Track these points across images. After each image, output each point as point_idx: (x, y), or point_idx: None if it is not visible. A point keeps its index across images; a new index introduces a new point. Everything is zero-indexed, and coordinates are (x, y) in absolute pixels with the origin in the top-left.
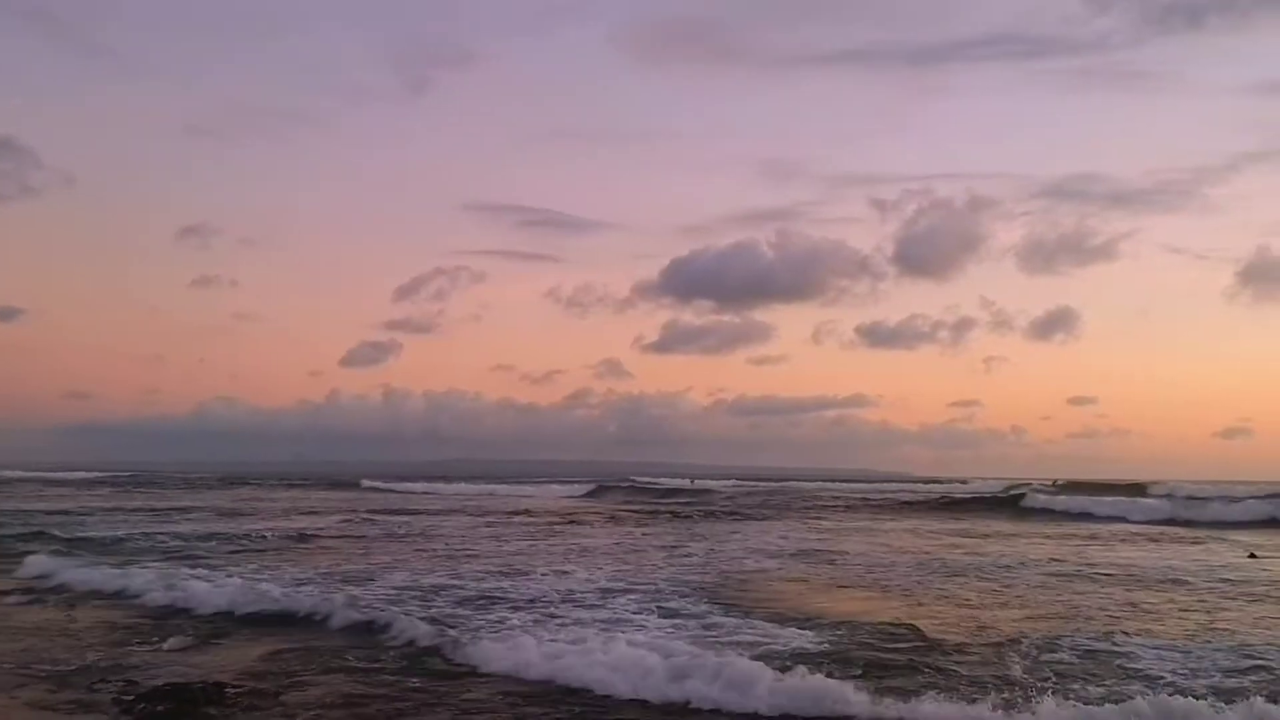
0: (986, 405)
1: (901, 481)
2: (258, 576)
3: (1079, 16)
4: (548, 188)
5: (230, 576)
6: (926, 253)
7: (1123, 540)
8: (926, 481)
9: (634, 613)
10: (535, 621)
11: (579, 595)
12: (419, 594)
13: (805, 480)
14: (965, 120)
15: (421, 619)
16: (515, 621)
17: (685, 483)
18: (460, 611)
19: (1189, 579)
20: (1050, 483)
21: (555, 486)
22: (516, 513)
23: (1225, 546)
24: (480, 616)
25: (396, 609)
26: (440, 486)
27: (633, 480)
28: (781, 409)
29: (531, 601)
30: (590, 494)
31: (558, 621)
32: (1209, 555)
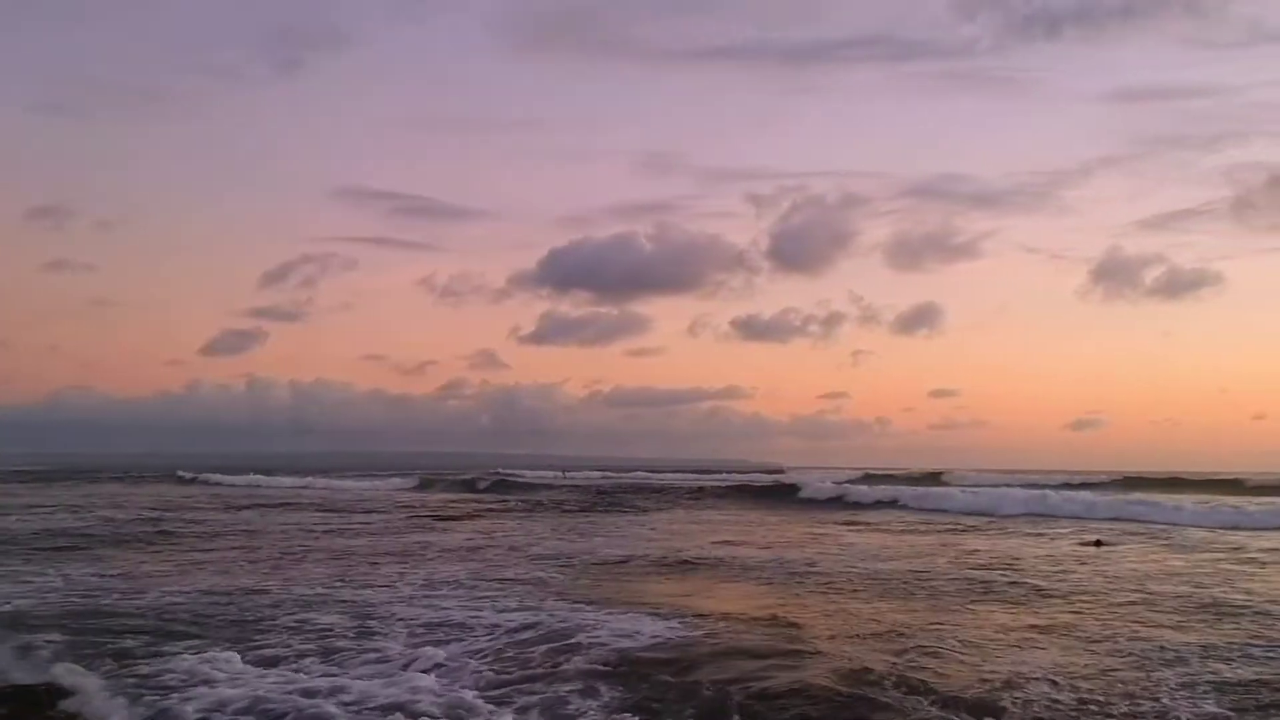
0: (854, 397)
1: (771, 471)
2: None
3: (946, 22)
4: (423, 175)
5: None
6: (800, 248)
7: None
8: (770, 471)
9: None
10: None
11: (379, 606)
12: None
13: (681, 471)
14: (837, 119)
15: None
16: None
17: (556, 474)
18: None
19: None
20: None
21: (397, 479)
22: (332, 510)
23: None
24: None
25: None
26: (265, 479)
27: (500, 472)
28: (658, 400)
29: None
30: (421, 486)
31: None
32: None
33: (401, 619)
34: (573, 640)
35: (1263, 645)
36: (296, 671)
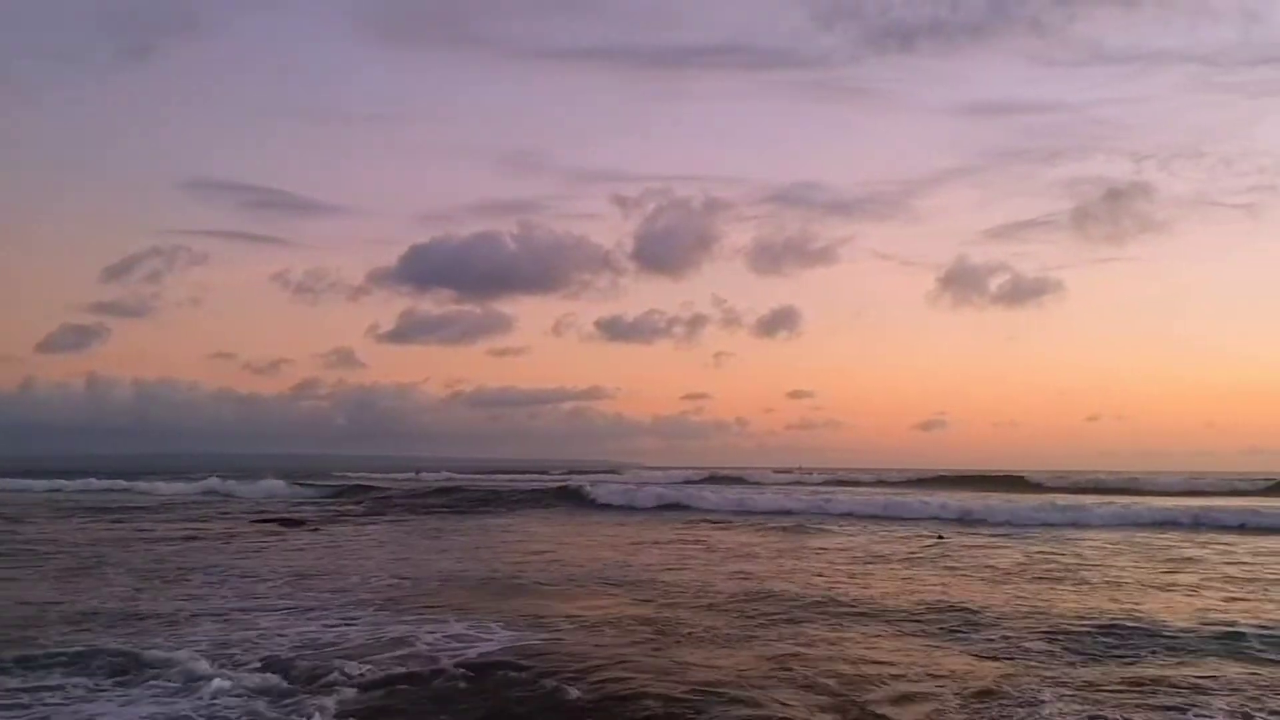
0: (715, 398)
1: (638, 469)
2: None
3: (805, 32)
4: (278, 167)
5: None
6: (664, 250)
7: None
8: (606, 470)
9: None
10: None
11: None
12: None
13: (534, 473)
14: (701, 124)
15: None
16: None
17: (409, 476)
18: None
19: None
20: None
21: (233, 482)
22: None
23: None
24: None
25: None
26: (98, 482)
27: (348, 476)
28: (521, 400)
29: None
30: (265, 491)
31: None
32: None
33: (201, 635)
34: (400, 652)
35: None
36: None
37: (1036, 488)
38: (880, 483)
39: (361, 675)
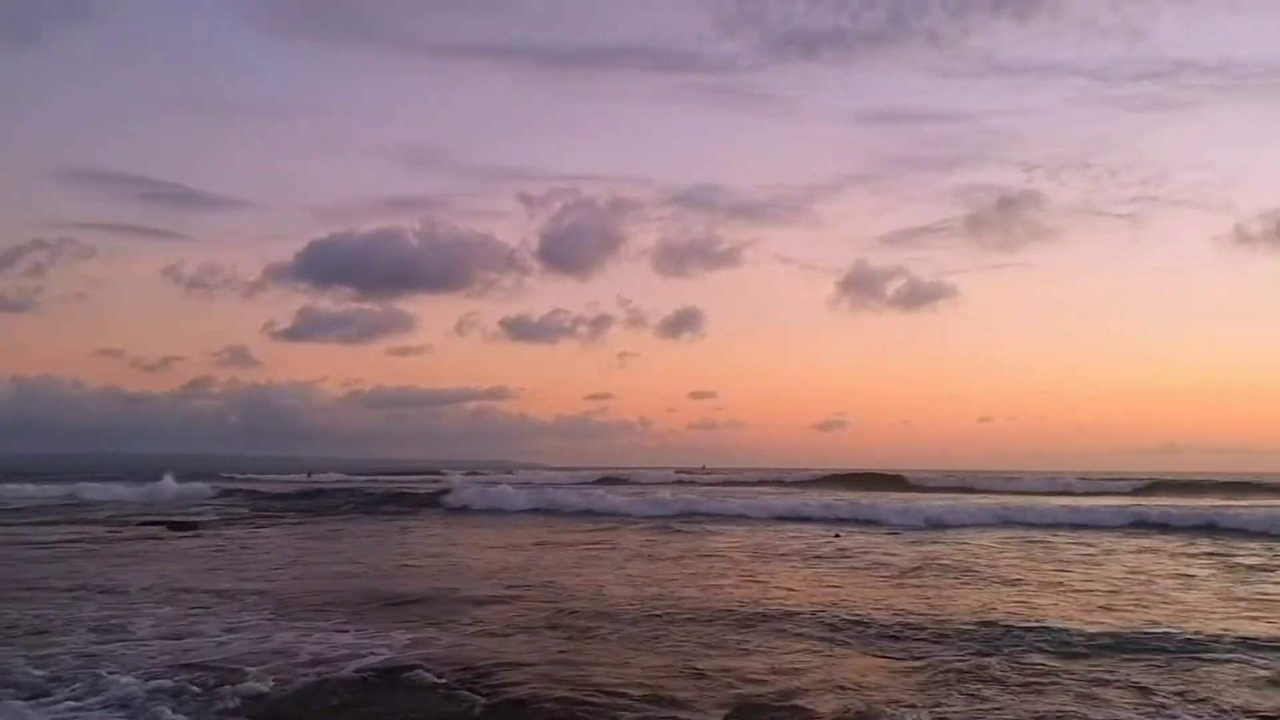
0: (619, 398)
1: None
2: None
3: (710, 37)
4: (170, 159)
5: None
6: (570, 250)
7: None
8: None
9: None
10: None
11: None
12: None
13: (428, 473)
14: (608, 124)
15: None
16: None
17: (302, 476)
18: None
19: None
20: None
21: (117, 485)
22: None
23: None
24: None
25: None
26: None
27: (235, 477)
28: (422, 400)
29: None
30: (146, 494)
31: None
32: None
33: (67, 649)
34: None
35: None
36: None
37: (916, 488)
38: (778, 482)
39: (248, 685)
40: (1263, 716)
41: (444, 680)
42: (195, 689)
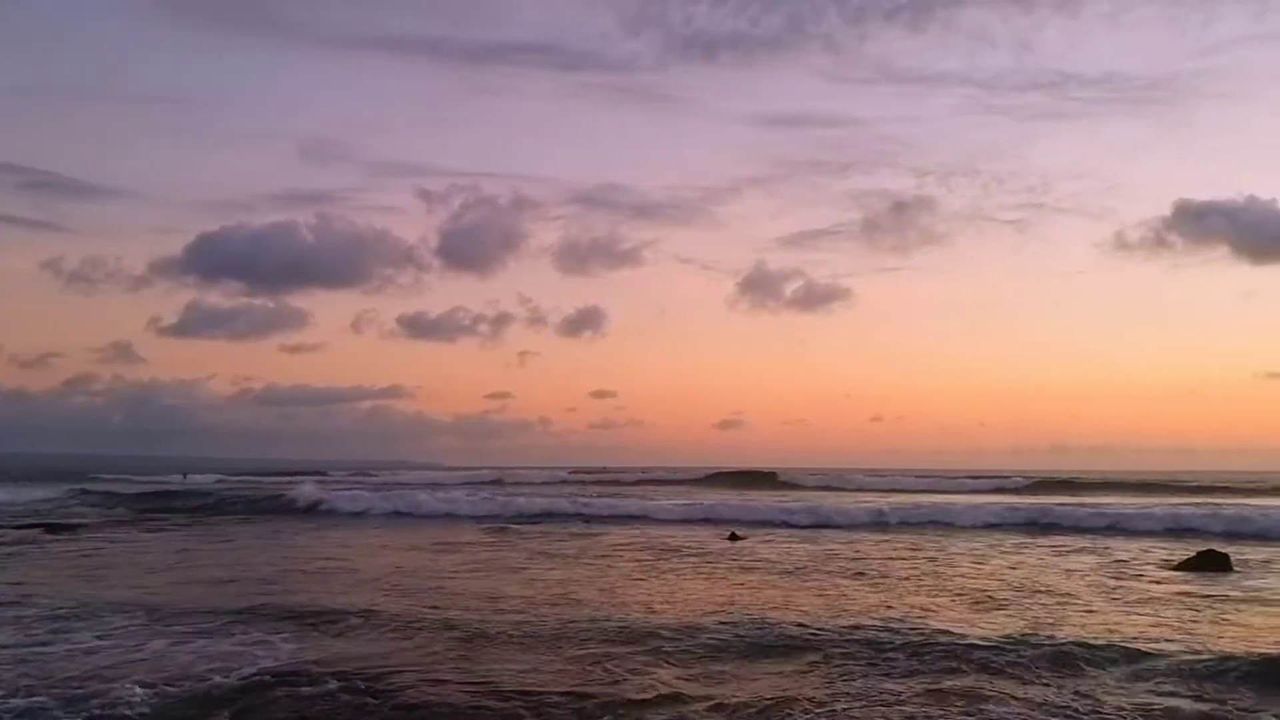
0: (518, 397)
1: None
2: None
3: (613, 36)
4: (50, 147)
5: None
6: (471, 247)
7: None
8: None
9: None
10: None
11: None
12: None
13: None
14: (510, 121)
15: None
16: None
17: (178, 477)
18: None
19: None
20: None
21: None
22: None
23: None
24: None
25: None
26: None
27: (104, 477)
28: (316, 399)
29: None
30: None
31: None
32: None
33: None
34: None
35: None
36: None
37: (791, 486)
38: (673, 481)
39: (126, 697)
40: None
41: (335, 684)
42: (53, 706)
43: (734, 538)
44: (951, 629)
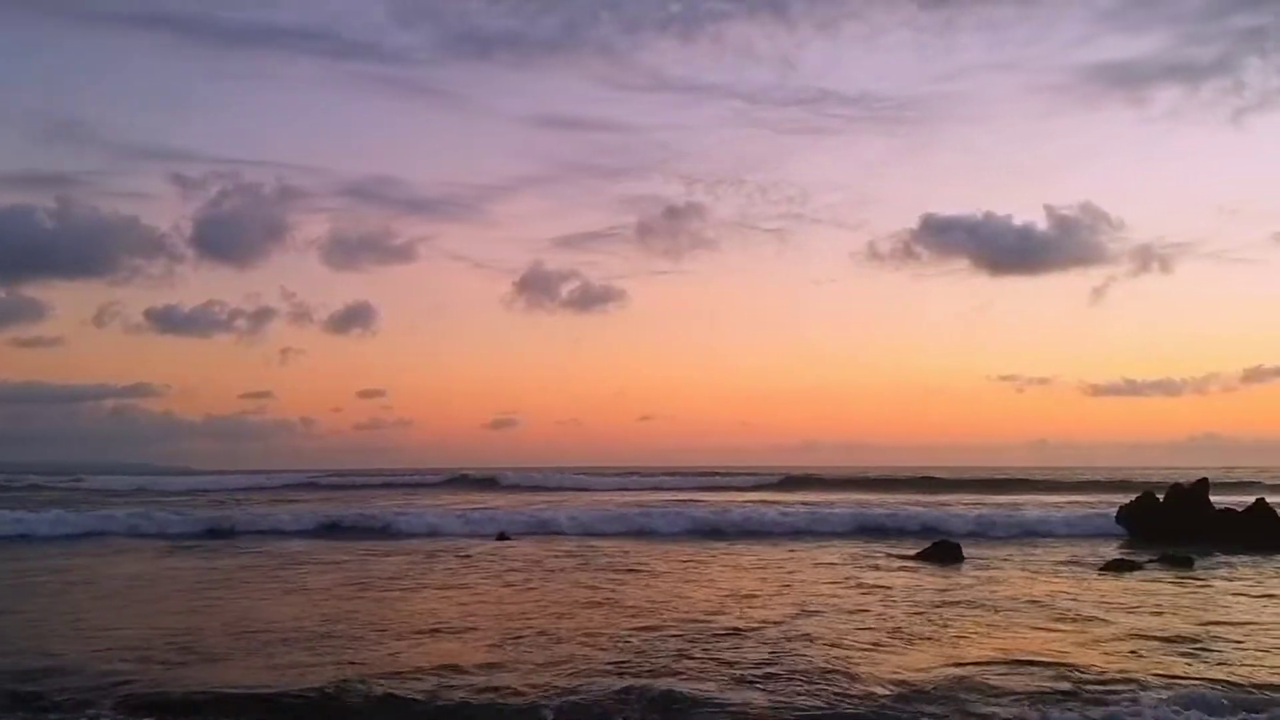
0: (279, 397)
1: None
2: None
3: (386, 27)
4: None
5: None
6: (230, 238)
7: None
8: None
9: None
10: None
11: None
12: None
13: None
14: (278, 109)
15: None
16: None
17: None
18: None
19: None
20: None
21: None
22: None
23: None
24: None
25: None
26: None
27: None
28: (52, 398)
29: None
30: None
31: None
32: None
33: None
34: None
35: None
36: None
37: (512, 488)
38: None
39: None
40: None
41: None
42: None
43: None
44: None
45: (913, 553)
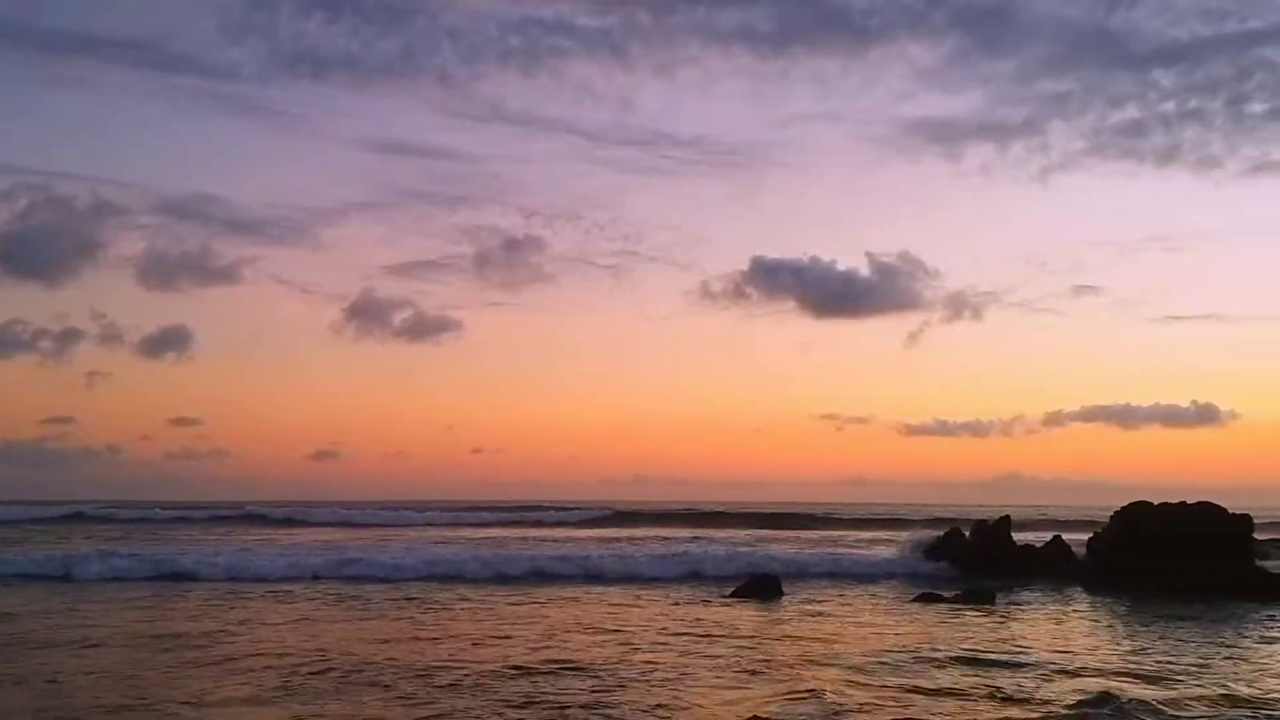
0: (83, 423)
1: None
2: None
3: (214, 42)
4: None
5: None
6: (35, 253)
7: None
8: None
9: None
10: None
11: None
12: None
13: None
14: (94, 120)
15: None
16: None
17: None
18: None
19: None
20: None
21: None
22: None
23: None
24: None
25: None
26: None
27: None
28: None
29: None
30: None
31: None
32: None
33: None
34: None
35: None
36: None
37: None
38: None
39: None
40: None
41: None
42: None
43: None
44: None
45: (732, 589)
